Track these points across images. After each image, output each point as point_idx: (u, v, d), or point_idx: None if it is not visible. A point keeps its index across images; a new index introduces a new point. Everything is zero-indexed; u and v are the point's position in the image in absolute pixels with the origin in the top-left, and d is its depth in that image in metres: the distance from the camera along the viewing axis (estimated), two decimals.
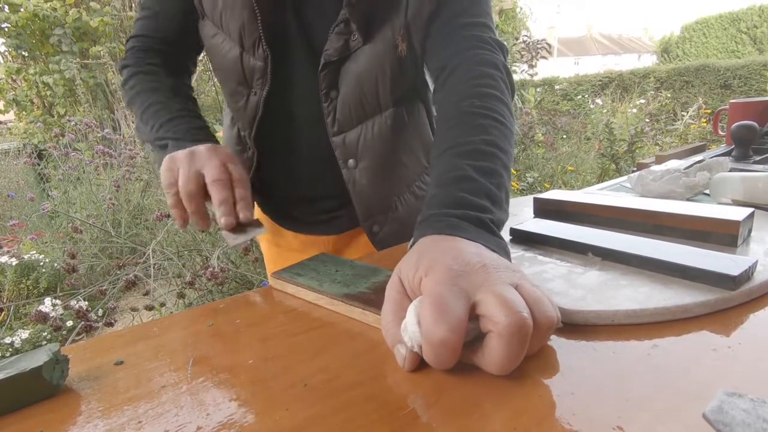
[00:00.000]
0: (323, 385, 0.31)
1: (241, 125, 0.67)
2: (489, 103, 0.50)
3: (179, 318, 0.45)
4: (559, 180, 3.19)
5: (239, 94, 0.63)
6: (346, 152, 0.64)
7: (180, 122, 0.60)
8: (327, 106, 0.61)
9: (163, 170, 0.54)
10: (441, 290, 0.30)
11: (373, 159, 0.64)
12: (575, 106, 7.74)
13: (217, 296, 1.74)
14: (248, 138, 0.66)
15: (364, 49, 0.58)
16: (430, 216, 0.40)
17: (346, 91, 0.60)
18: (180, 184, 0.53)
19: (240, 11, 0.56)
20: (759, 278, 0.37)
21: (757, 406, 0.23)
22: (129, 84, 0.65)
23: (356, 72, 0.59)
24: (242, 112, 0.64)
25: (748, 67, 8.56)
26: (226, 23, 0.59)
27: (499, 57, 0.55)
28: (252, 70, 0.60)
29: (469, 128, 0.48)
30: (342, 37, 0.57)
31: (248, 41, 0.58)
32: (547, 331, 0.30)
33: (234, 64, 0.60)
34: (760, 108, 1.02)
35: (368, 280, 0.45)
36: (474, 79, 0.52)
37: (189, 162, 0.53)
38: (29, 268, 2.42)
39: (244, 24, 0.57)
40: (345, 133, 0.63)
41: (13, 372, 0.31)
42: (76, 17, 4.94)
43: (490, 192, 0.42)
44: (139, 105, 0.62)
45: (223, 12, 0.58)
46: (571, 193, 0.62)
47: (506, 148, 0.47)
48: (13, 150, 4.57)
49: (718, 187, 0.62)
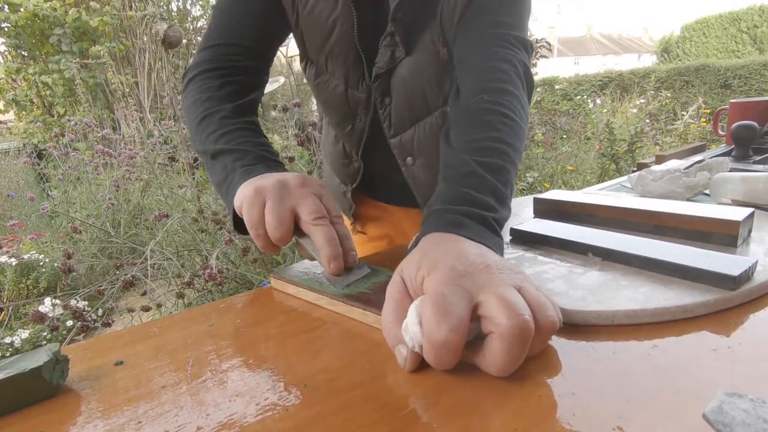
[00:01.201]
0: (323, 385, 0.31)
1: (348, 145, 0.74)
2: (500, 98, 0.49)
3: (179, 318, 0.45)
4: (559, 180, 3.19)
5: (346, 122, 0.70)
6: (403, 151, 0.69)
7: (243, 134, 0.55)
8: (382, 113, 0.66)
9: (247, 204, 0.46)
10: (443, 290, 0.30)
11: (429, 156, 0.68)
12: (575, 106, 7.75)
13: (217, 296, 1.74)
14: (355, 154, 0.73)
15: (408, 59, 0.62)
16: (435, 212, 0.40)
17: (397, 98, 0.65)
18: (271, 226, 0.44)
19: (345, 57, 0.63)
20: (759, 278, 0.37)
21: (757, 407, 0.23)
22: (189, 98, 0.61)
23: (403, 80, 0.63)
24: (350, 136, 0.72)
25: (748, 66, 8.57)
26: (332, 67, 0.65)
27: (517, 54, 0.55)
28: (357, 102, 0.67)
29: (478, 124, 0.48)
30: (389, 50, 0.61)
31: (353, 80, 0.65)
32: (549, 334, 0.30)
33: (340, 99, 0.67)
34: (760, 108, 1.02)
35: (368, 281, 0.45)
36: (485, 74, 0.52)
37: (280, 197, 0.45)
38: (29, 268, 2.42)
39: (349, 68, 0.64)
40: (401, 135, 0.68)
41: (13, 372, 0.31)
42: (76, 17, 4.94)
43: (495, 189, 0.42)
44: (195, 115, 0.58)
45: (329, 58, 0.64)
46: (571, 193, 0.62)
47: (515, 144, 0.47)
48: (13, 150, 4.57)
49: (718, 187, 0.62)
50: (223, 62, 0.62)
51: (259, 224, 0.45)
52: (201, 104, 0.58)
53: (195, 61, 0.63)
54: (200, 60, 0.62)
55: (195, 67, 0.62)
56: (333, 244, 0.44)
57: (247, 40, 0.62)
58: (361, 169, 0.74)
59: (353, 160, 0.75)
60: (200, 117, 0.57)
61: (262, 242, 0.46)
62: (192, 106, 0.59)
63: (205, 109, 0.58)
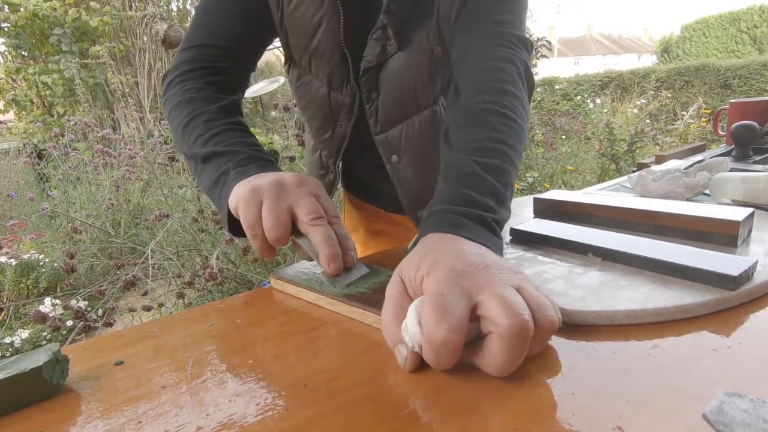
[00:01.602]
0: (323, 385, 0.31)
1: (326, 153, 0.72)
2: (500, 98, 0.49)
3: (179, 318, 0.45)
4: (559, 180, 3.19)
5: (326, 127, 0.68)
6: (388, 149, 0.67)
7: (232, 135, 0.54)
8: (369, 108, 0.64)
9: (243, 204, 0.45)
10: (442, 290, 0.30)
11: (415, 154, 0.67)
12: (575, 106, 7.75)
13: (217, 296, 1.74)
14: (331, 164, 0.72)
15: (399, 54, 0.60)
16: (434, 212, 0.40)
17: (385, 93, 0.63)
18: (268, 226, 0.44)
19: (330, 57, 0.61)
20: (759, 278, 0.37)
21: (757, 407, 0.23)
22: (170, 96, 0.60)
23: (393, 76, 0.61)
24: (329, 142, 0.69)
25: (748, 66, 8.57)
26: (315, 68, 0.63)
27: (517, 53, 0.54)
28: (339, 105, 0.65)
29: (478, 124, 0.48)
30: (379, 43, 0.59)
31: (337, 81, 0.63)
32: (548, 334, 0.30)
33: (322, 101, 0.65)
34: (759, 108, 1.02)
35: (368, 281, 0.45)
36: (486, 74, 0.52)
37: (277, 197, 0.44)
38: (29, 268, 2.42)
39: (334, 68, 0.62)
40: (386, 132, 0.66)
41: (13, 372, 0.31)
42: (76, 17, 4.94)
43: (495, 190, 0.42)
44: (179, 116, 0.57)
45: (313, 58, 0.62)
46: (571, 193, 0.62)
47: (515, 145, 0.47)
48: (13, 150, 4.57)
49: (718, 187, 0.62)
50: (204, 62, 0.60)
51: (257, 224, 0.44)
52: (184, 107, 0.57)
53: (175, 62, 0.62)
54: (180, 61, 0.61)
55: (175, 69, 0.61)
56: (332, 244, 0.43)
57: (228, 42, 0.61)
58: (337, 180, 0.74)
59: (329, 171, 0.73)
60: (185, 120, 0.56)
61: (259, 243, 0.46)
62: (175, 109, 0.58)
63: (189, 112, 0.56)
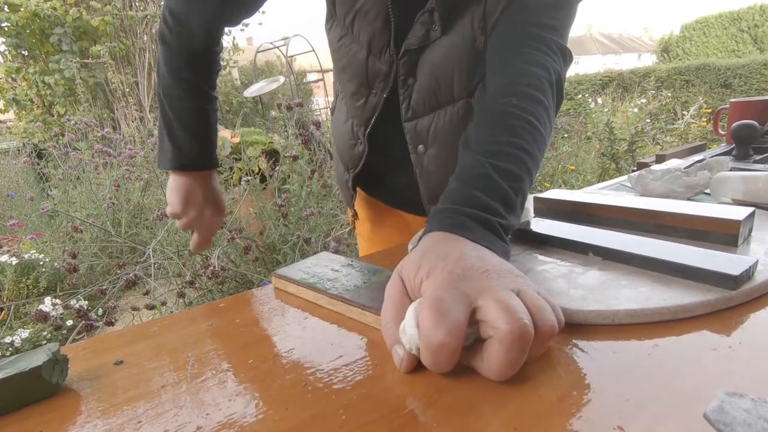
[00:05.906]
0: (323, 385, 0.31)
1: (356, 122, 0.71)
2: (527, 104, 0.48)
3: (179, 318, 0.45)
4: (559, 179, 3.19)
5: (360, 94, 0.67)
6: (416, 138, 0.66)
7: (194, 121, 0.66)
8: (403, 92, 0.63)
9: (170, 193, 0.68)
10: (441, 294, 0.30)
11: (442, 147, 0.65)
12: (576, 105, 7.73)
13: (217, 296, 1.74)
14: (361, 134, 0.70)
15: (442, 40, 0.58)
16: (441, 211, 0.40)
17: (422, 79, 0.61)
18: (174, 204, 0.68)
19: (374, 19, 0.59)
20: (759, 278, 0.37)
21: (758, 406, 0.23)
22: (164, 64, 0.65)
23: (432, 62, 0.60)
24: (360, 111, 0.68)
25: (749, 66, 8.57)
26: (357, 29, 0.61)
27: (553, 61, 0.53)
28: (376, 73, 0.63)
29: (500, 127, 0.47)
30: (424, 27, 0.58)
31: (377, 47, 0.61)
32: (548, 338, 0.30)
33: (359, 66, 0.64)
34: (760, 107, 1.02)
35: (369, 280, 0.45)
36: (517, 78, 0.51)
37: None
38: (29, 268, 2.42)
39: (376, 32, 0.60)
40: (417, 120, 0.65)
41: (12, 372, 0.31)
42: (76, 17, 4.94)
43: (506, 195, 0.41)
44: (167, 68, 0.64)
45: (356, 18, 0.60)
46: (571, 192, 0.62)
47: (534, 153, 0.46)
48: (13, 149, 4.57)
49: (719, 186, 0.62)
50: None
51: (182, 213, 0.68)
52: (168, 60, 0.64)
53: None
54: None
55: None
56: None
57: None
58: (365, 153, 0.71)
59: (359, 142, 0.72)
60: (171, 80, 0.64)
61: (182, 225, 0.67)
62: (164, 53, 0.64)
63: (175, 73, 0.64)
